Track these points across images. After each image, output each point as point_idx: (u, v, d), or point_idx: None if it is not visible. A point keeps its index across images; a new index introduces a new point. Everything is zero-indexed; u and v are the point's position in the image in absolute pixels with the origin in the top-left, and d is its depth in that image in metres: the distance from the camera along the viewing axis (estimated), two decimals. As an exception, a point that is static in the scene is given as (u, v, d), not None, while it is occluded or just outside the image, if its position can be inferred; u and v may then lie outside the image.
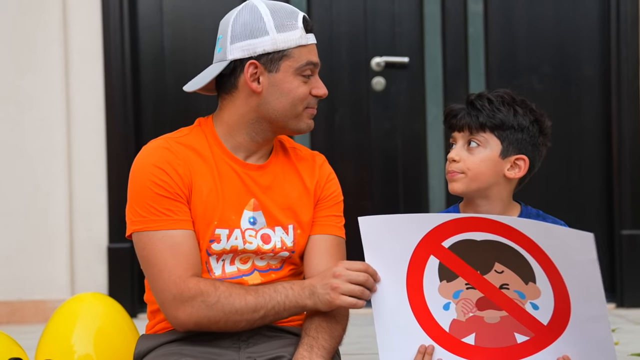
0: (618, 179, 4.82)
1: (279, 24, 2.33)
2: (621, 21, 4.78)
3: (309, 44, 2.36)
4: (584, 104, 4.86)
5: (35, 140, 4.75)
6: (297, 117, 2.36)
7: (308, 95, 2.36)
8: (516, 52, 4.88)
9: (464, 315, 2.16)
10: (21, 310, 4.74)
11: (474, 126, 2.34)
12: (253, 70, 2.34)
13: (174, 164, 2.31)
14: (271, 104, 2.35)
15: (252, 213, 2.34)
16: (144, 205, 2.28)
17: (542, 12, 4.88)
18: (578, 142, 4.83)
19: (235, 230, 2.32)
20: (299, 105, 2.35)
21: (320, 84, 2.38)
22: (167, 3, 4.88)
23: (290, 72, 2.34)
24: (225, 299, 2.25)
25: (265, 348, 2.30)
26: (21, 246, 4.76)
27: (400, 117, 4.90)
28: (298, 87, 2.34)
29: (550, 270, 2.08)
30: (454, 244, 2.13)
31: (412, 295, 2.18)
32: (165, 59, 4.87)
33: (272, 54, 2.33)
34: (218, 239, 2.31)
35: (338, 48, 4.89)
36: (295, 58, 2.34)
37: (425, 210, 4.92)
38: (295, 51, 2.34)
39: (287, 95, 2.34)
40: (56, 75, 4.77)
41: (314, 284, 2.25)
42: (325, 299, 2.22)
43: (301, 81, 2.34)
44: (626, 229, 4.80)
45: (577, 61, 4.88)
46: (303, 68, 2.34)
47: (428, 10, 4.89)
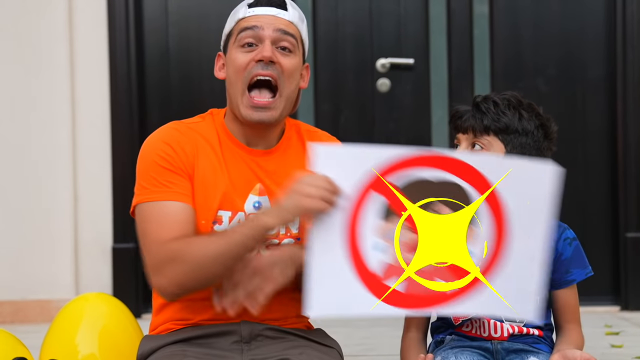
0: (623, 182, 4.81)
1: (234, 11, 2.36)
2: (627, 23, 4.79)
3: (250, 15, 2.32)
4: (590, 106, 4.86)
5: (40, 141, 4.76)
6: (239, 96, 2.30)
7: (247, 64, 2.30)
8: (522, 53, 4.88)
9: (395, 259, 2.12)
10: (26, 309, 4.75)
11: (478, 129, 2.33)
12: (221, 62, 2.39)
13: (181, 141, 2.31)
14: (229, 89, 2.35)
15: (258, 197, 2.31)
16: (147, 178, 2.28)
17: (547, 14, 4.88)
18: (583, 144, 4.84)
19: (239, 213, 2.29)
20: (239, 78, 2.30)
21: (264, 47, 2.29)
22: (173, 3, 4.89)
23: (234, 48, 2.32)
24: (196, 249, 2.19)
25: (270, 350, 2.28)
26: (26, 246, 4.77)
27: (405, 119, 4.90)
28: (237, 58, 2.31)
29: (497, 213, 2.08)
30: (405, 184, 2.09)
31: (350, 232, 2.11)
32: (170, 59, 4.87)
33: (225, 40, 2.37)
34: (220, 220, 2.29)
35: (343, 49, 4.90)
36: (234, 33, 2.33)
37: None
38: (235, 27, 2.33)
39: (230, 70, 2.33)
40: (61, 76, 4.78)
41: (278, 201, 2.16)
42: (292, 203, 2.10)
43: (240, 51, 2.31)
44: (631, 231, 4.80)
45: (582, 63, 4.88)
46: (239, 37, 2.31)
47: (433, 11, 4.89)
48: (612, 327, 4.25)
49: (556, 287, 2.38)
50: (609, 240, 4.82)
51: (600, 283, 4.73)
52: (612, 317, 4.59)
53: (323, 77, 4.90)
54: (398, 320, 2.44)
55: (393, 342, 3.80)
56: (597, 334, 4.04)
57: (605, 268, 4.80)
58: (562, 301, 2.40)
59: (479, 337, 2.37)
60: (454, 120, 2.37)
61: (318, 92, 4.91)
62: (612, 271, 4.81)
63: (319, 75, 4.90)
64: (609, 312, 4.75)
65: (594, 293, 4.71)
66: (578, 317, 2.41)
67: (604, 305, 4.82)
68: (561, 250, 2.40)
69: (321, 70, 4.89)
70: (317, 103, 4.91)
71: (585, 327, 2.44)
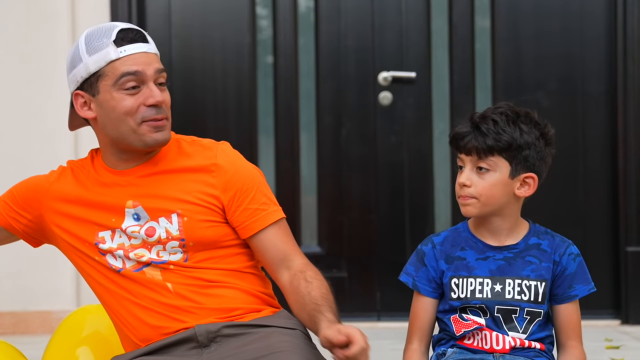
0: (624, 196, 4.79)
1: (90, 47, 2.33)
2: (628, 38, 4.77)
3: (125, 56, 2.32)
4: (590, 120, 4.85)
5: (41, 152, 4.76)
6: (134, 132, 2.34)
7: (137, 108, 2.33)
8: (523, 67, 4.89)
9: None
10: (27, 320, 4.74)
11: (482, 150, 2.34)
12: (81, 100, 2.38)
13: (41, 189, 2.49)
14: (107, 126, 2.36)
15: (133, 210, 2.36)
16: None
17: (548, 28, 4.88)
18: (584, 158, 4.82)
19: (117, 230, 2.37)
20: (129, 120, 2.33)
21: (152, 92, 2.33)
22: (175, 16, 4.90)
23: (110, 90, 2.33)
24: None
25: (230, 349, 2.28)
26: (28, 258, 4.61)
27: (407, 132, 4.91)
28: (121, 101, 2.32)
29: None
30: None
31: None
32: (172, 70, 4.86)
33: (89, 79, 2.34)
34: (102, 240, 2.38)
35: (345, 62, 4.90)
36: (110, 75, 2.32)
37: (431, 224, 4.92)
38: (108, 68, 2.32)
39: (113, 112, 2.33)
40: (63, 86, 4.75)
41: None
42: None
43: (124, 94, 2.32)
44: (631, 245, 4.79)
45: (583, 77, 4.87)
46: (120, 82, 2.32)
47: (435, 25, 4.90)
48: (613, 341, 4.25)
49: (559, 302, 2.40)
50: (609, 254, 4.81)
51: (600, 297, 4.72)
52: (612, 331, 4.59)
53: (325, 90, 4.92)
54: (399, 333, 2.45)
55: (394, 355, 3.82)
56: (597, 348, 4.04)
57: (605, 282, 4.79)
58: (564, 316, 2.41)
59: (481, 349, 2.38)
60: (456, 142, 2.38)
61: (320, 104, 4.92)
62: (613, 285, 4.81)
63: (321, 88, 4.91)
64: (609, 326, 4.75)
65: (595, 307, 4.70)
66: (580, 333, 2.42)
67: (604, 319, 4.81)
68: (565, 264, 2.41)
69: (323, 83, 4.91)
70: (319, 116, 4.92)
71: (586, 341, 2.44)
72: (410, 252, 4.78)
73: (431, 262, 2.42)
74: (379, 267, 4.87)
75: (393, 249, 4.90)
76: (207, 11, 4.88)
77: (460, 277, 2.40)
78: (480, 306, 2.38)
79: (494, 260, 2.41)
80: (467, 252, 2.42)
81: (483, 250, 2.42)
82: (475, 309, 2.39)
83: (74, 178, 2.46)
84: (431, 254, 2.43)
